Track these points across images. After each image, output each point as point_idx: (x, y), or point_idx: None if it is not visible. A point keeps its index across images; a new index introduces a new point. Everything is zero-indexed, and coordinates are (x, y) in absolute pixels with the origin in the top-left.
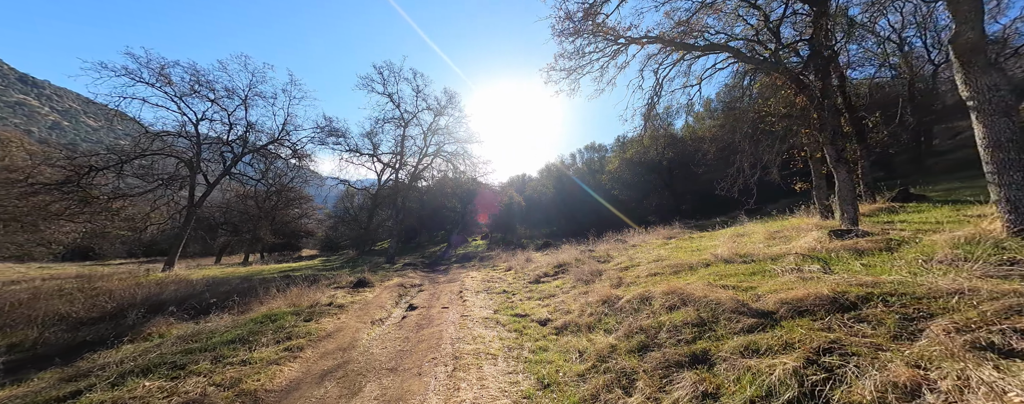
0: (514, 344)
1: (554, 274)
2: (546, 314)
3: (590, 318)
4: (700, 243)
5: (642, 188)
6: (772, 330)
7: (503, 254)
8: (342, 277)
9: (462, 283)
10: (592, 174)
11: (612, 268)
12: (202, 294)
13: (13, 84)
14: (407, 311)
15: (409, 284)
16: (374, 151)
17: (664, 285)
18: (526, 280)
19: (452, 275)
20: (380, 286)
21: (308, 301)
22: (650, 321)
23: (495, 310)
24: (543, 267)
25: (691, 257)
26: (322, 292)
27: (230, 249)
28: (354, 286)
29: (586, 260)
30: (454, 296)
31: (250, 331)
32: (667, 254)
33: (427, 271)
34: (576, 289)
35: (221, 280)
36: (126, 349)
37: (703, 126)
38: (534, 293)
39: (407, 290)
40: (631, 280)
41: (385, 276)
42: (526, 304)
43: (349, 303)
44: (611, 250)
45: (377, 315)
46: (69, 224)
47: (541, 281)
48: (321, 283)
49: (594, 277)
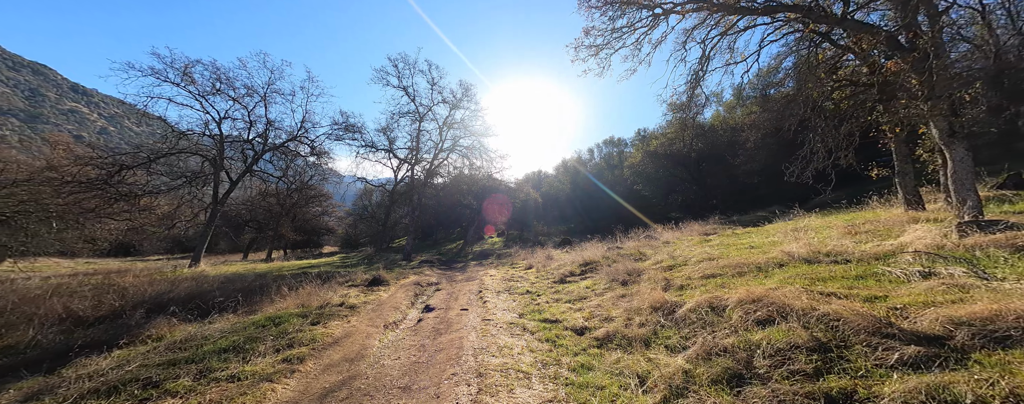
0: (549, 359)
1: (581, 273)
2: (581, 321)
3: (641, 329)
4: (751, 239)
5: (666, 182)
6: (963, 368)
7: (521, 251)
8: (357, 275)
9: (481, 282)
10: (611, 169)
11: (651, 267)
12: (211, 292)
13: (66, 93)
14: (423, 313)
15: (425, 282)
16: (390, 146)
17: (740, 291)
18: (550, 279)
19: (470, 273)
20: (395, 285)
21: (318, 301)
22: (733, 339)
23: (520, 314)
24: (567, 265)
25: (751, 256)
26: (334, 291)
27: (256, 246)
28: (368, 284)
29: (617, 258)
30: (473, 296)
31: (248, 337)
32: (717, 252)
33: (444, 269)
34: (612, 291)
35: (238, 277)
36: (116, 355)
37: (734, 115)
38: (562, 294)
39: (423, 289)
40: (682, 282)
41: (401, 274)
42: (555, 307)
43: (361, 304)
44: (642, 247)
45: (391, 317)
46: (111, 221)
47: (567, 281)
48: (335, 281)
49: (632, 277)
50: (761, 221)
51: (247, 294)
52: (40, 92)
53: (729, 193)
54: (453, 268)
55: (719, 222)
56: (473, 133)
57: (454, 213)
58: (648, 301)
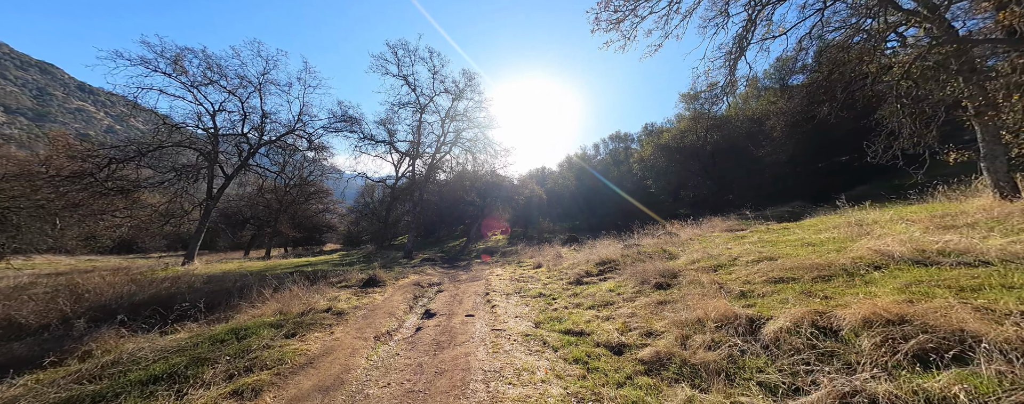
0: (584, 391)
1: (599, 274)
2: (615, 334)
3: (711, 353)
4: (798, 235)
5: (678, 177)
6: None
7: (527, 249)
8: (351, 274)
9: (487, 282)
10: (616, 165)
11: (688, 268)
12: (181, 295)
13: (73, 92)
14: (423, 319)
15: (426, 283)
16: (390, 139)
17: (859, 305)
18: (565, 280)
19: (474, 272)
20: (393, 286)
21: (301, 306)
22: (890, 386)
23: (535, 322)
24: (581, 264)
25: (820, 255)
26: (323, 294)
27: (257, 243)
28: (363, 285)
29: (638, 256)
30: (479, 300)
31: (194, 358)
32: (767, 250)
33: (446, 267)
34: (645, 296)
35: (225, 276)
36: (24, 381)
37: (751, 106)
38: (582, 299)
39: (424, 290)
40: (741, 287)
41: (400, 273)
42: (577, 315)
43: (351, 309)
44: (663, 245)
45: (384, 326)
46: (104, 218)
47: (584, 282)
48: (327, 281)
49: (667, 279)
50: (789, 216)
51: (224, 297)
52: (47, 91)
53: (745, 187)
54: (456, 267)
55: (741, 217)
56: (476, 124)
57: (457, 210)
58: (710, 313)
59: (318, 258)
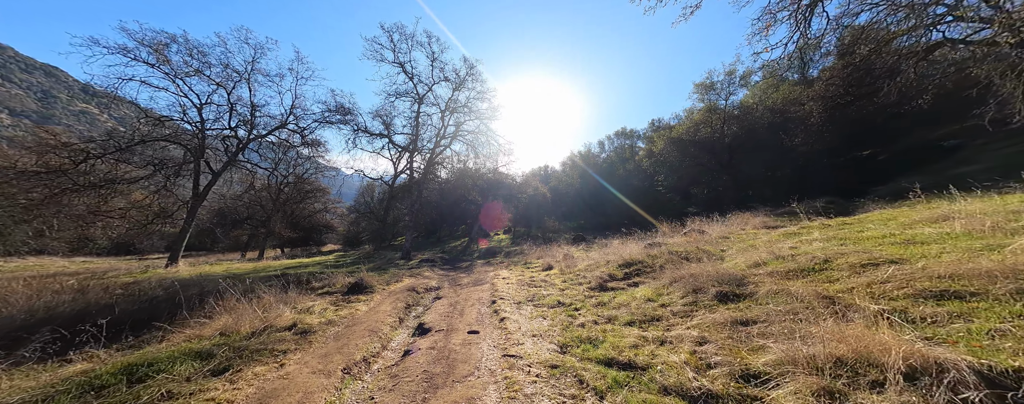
0: None
1: (626, 277)
2: (689, 373)
3: None
4: (889, 231)
5: (692, 172)
6: None
7: (534, 249)
8: (337, 278)
9: (493, 287)
10: (622, 162)
11: (756, 273)
12: (110, 308)
13: (77, 94)
14: (414, 337)
15: (423, 287)
16: (387, 131)
17: None
18: (585, 285)
19: (477, 274)
20: (383, 292)
21: (253, 323)
22: None
23: (560, 344)
24: (600, 266)
25: (970, 256)
26: (292, 304)
27: (255, 244)
28: (347, 292)
29: (669, 257)
30: (484, 310)
31: None
32: (861, 250)
33: (447, 269)
34: (706, 310)
35: (195, 281)
36: None
37: (770, 97)
38: (613, 309)
39: (419, 297)
40: (873, 304)
41: (395, 275)
42: (614, 335)
43: (322, 325)
44: (696, 243)
45: (361, 350)
46: (95, 218)
47: (610, 288)
48: (308, 286)
49: (731, 288)
50: (832, 211)
51: (169, 309)
52: (52, 93)
53: (763, 184)
54: (457, 268)
55: (772, 214)
56: (478, 116)
57: (458, 209)
58: (869, 350)
59: (312, 259)
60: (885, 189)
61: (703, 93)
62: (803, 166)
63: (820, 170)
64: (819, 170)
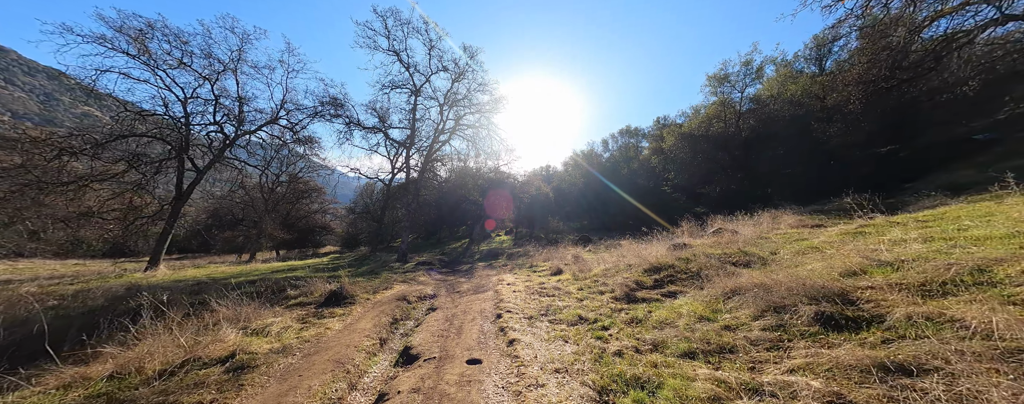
0: None
1: (657, 285)
2: None
3: None
4: (988, 229)
5: (704, 170)
6: None
7: (538, 251)
8: (315, 285)
9: (497, 295)
10: (627, 162)
11: (857, 285)
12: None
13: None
14: (396, 369)
15: (416, 295)
16: (382, 126)
17: None
18: (608, 294)
19: (478, 279)
20: (366, 303)
21: (169, 356)
22: None
23: (598, 387)
24: (619, 271)
25: None
26: (240, 323)
27: (254, 246)
28: (323, 303)
29: (705, 260)
30: (488, 327)
31: None
32: (993, 254)
33: (445, 272)
34: (809, 341)
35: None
36: None
37: (788, 88)
38: (653, 329)
39: (410, 308)
40: None
41: (386, 281)
42: (676, 377)
43: (272, 354)
44: (735, 245)
45: (313, 400)
46: (96, 220)
47: (639, 298)
48: (281, 295)
49: (838, 308)
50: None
51: (99, 323)
52: (54, 96)
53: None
54: (457, 271)
55: (801, 212)
56: (479, 109)
57: (459, 210)
58: None
59: (305, 262)
60: (925, 184)
61: (716, 86)
62: (826, 161)
63: (847, 166)
64: (845, 166)
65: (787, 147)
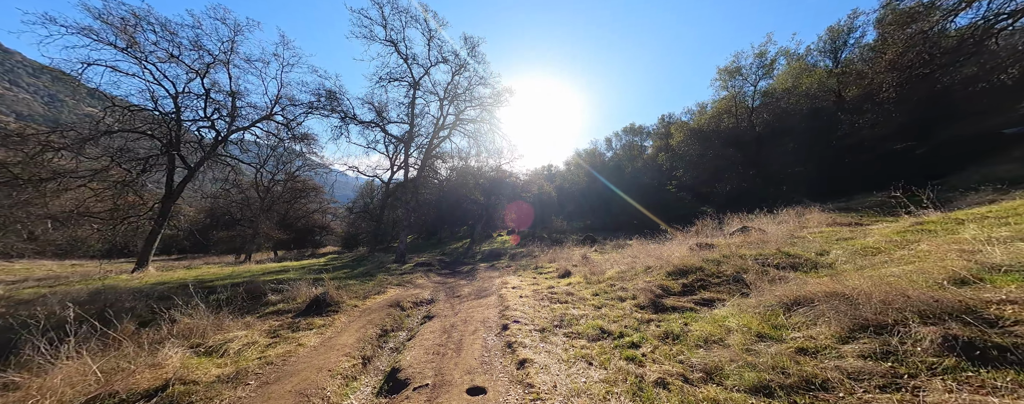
0: None
1: (686, 291)
2: None
3: None
4: None
5: (713, 167)
6: None
7: (546, 251)
8: (300, 289)
9: (501, 300)
10: (631, 160)
11: (981, 298)
12: None
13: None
14: (378, 399)
15: (411, 301)
16: (380, 121)
17: None
18: (630, 301)
19: (480, 282)
20: (352, 311)
21: (76, 388)
22: None
23: None
24: (639, 273)
25: None
26: (193, 338)
27: (255, 247)
28: (303, 312)
29: (752, 265)
30: (493, 341)
31: None
32: None
33: (445, 274)
34: (953, 382)
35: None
36: None
37: (803, 81)
38: (704, 353)
39: (403, 316)
40: None
41: (380, 285)
42: None
43: (219, 383)
44: (763, 244)
45: None
46: (86, 218)
47: (668, 306)
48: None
49: (977, 330)
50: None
51: (23, 340)
52: (58, 97)
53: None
54: (457, 273)
55: (827, 210)
56: (481, 103)
57: (460, 209)
58: None
59: (300, 263)
60: (961, 180)
61: (727, 79)
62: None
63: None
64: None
65: (801, 142)
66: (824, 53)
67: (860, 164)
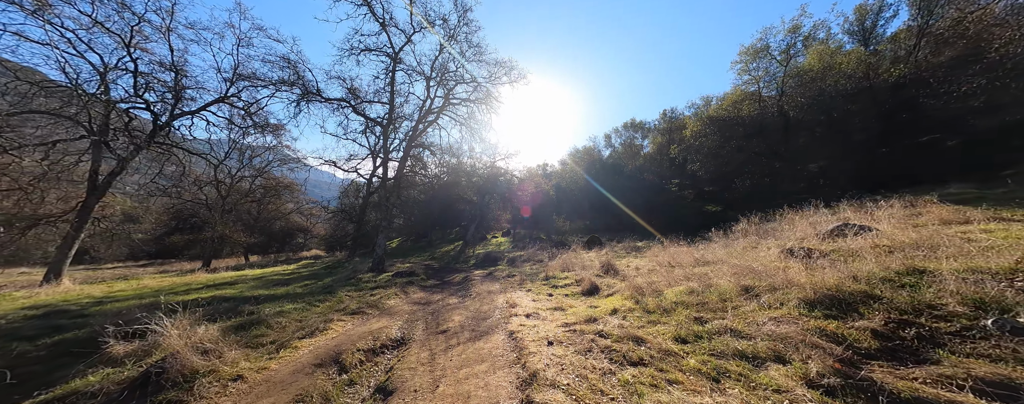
0: None
1: (894, 352)
2: None
3: None
4: None
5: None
6: None
7: (552, 255)
8: (162, 335)
9: (516, 346)
10: (632, 157)
11: None
12: None
13: None
14: None
15: (364, 347)
16: (352, 99)
17: None
18: (793, 376)
19: (476, 300)
20: (233, 391)
21: None
22: None
23: None
24: (730, 297)
25: None
26: None
27: (208, 252)
28: (130, 388)
29: (979, 290)
30: None
31: None
32: None
33: (432, 286)
34: None
35: None
36: None
37: (848, 60)
38: None
39: (335, 392)
40: None
41: (329, 311)
42: None
43: None
44: (934, 256)
45: None
46: None
47: (906, 399)
48: (82, 354)
49: None
50: (983, 201)
51: None
52: None
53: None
54: (446, 284)
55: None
56: (474, 79)
57: (452, 210)
58: None
59: (264, 271)
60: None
61: (750, 61)
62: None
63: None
64: (940, 148)
65: (845, 129)
66: (852, 35)
67: (933, 150)
